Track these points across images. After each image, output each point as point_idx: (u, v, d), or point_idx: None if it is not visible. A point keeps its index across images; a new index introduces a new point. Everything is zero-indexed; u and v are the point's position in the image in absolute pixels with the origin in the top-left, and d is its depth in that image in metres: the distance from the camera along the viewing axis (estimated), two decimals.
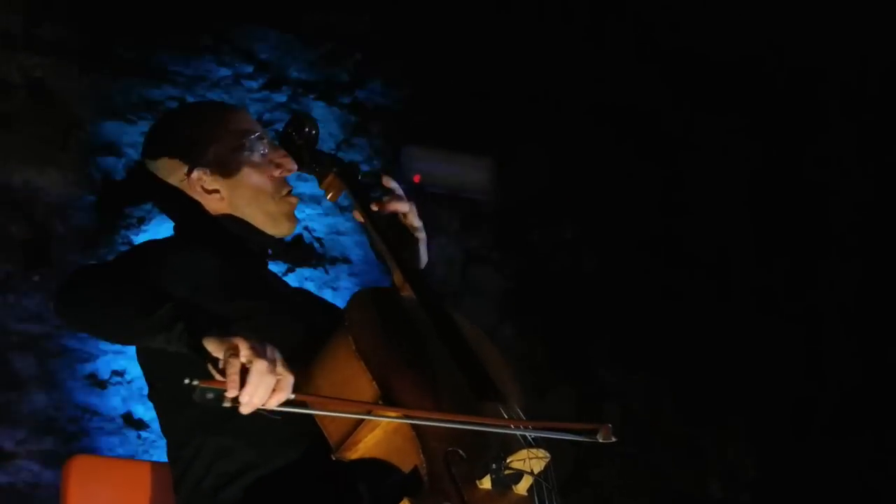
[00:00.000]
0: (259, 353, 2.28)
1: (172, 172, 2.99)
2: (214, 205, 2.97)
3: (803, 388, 5.37)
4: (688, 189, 5.48)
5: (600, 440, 2.42)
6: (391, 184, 2.96)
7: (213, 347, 2.32)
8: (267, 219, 3.00)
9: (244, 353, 2.27)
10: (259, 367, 2.26)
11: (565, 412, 4.99)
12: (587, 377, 5.15)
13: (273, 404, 2.30)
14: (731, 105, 5.55)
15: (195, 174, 2.96)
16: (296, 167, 3.05)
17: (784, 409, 5.33)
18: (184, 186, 2.97)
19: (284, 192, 3.02)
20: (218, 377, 2.29)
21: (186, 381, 2.25)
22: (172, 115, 3.20)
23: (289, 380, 2.31)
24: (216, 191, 2.96)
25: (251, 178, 2.98)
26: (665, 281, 5.31)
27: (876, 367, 5.40)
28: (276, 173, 3.01)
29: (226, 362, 2.27)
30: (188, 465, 2.76)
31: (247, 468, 2.69)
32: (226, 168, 2.97)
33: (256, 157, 3.00)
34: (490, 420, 2.47)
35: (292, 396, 2.32)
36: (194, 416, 2.73)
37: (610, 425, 2.43)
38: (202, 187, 2.97)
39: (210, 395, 2.25)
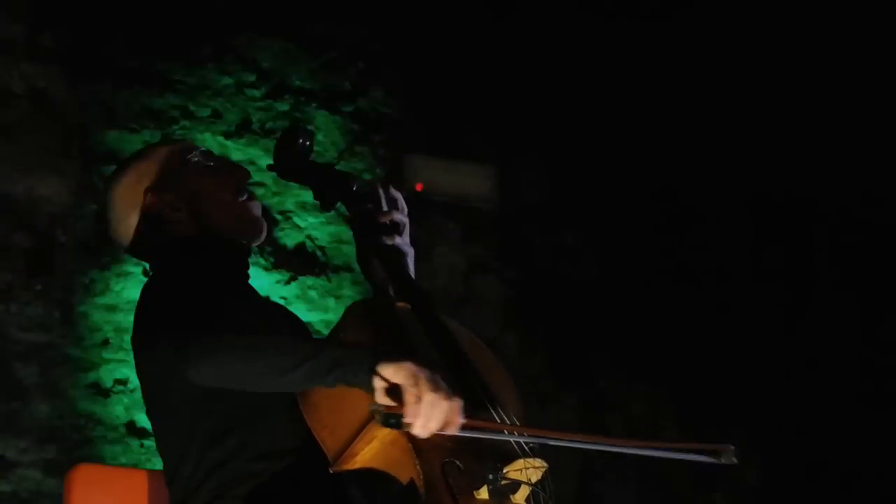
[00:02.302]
0: (436, 383, 2.34)
1: (132, 206, 2.97)
2: (182, 225, 2.95)
3: (805, 396, 5.36)
4: (689, 198, 5.47)
5: (723, 462, 2.46)
6: (392, 192, 2.95)
7: (391, 374, 2.35)
8: (233, 225, 2.99)
9: (423, 382, 2.33)
10: (435, 397, 2.32)
11: (567, 422, 4.99)
12: (589, 386, 5.15)
13: (452, 430, 2.35)
14: (735, 116, 5.55)
15: (150, 198, 2.94)
16: (249, 173, 3.06)
17: (787, 417, 5.33)
18: (146, 218, 2.95)
19: (242, 197, 3.02)
20: (389, 401, 2.33)
21: (372, 406, 2.33)
22: (114, 172, 3.20)
23: (460, 405, 2.37)
24: (179, 209, 2.95)
25: (207, 186, 2.97)
26: (666, 290, 5.31)
27: (877, 374, 5.40)
28: (235, 180, 3.02)
29: (406, 391, 2.32)
30: (186, 479, 2.76)
31: (242, 481, 2.68)
32: (182, 185, 2.96)
33: (206, 169, 3.00)
34: (493, 425, 2.48)
35: (464, 421, 2.37)
36: (190, 430, 2.73)
37: (732, 447, 2.46)
38: (164, 207, 2.94)
39: (393, 421, 2.31)
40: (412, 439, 2.39)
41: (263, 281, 4.58)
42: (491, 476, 2.40)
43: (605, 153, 5.37)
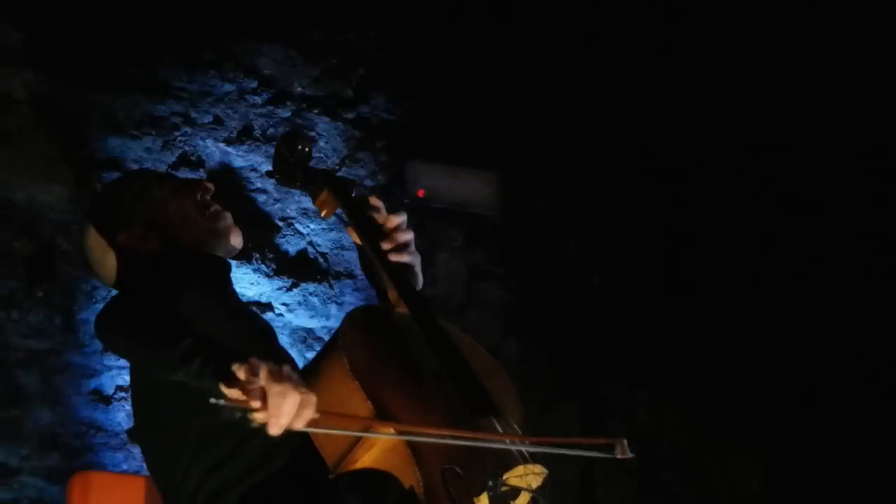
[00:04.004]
0: (279, 372, 2.27)
1: (107, 248, 3.03)
2: (156, 253, 3.01)
3: (809, 403, 5.36)
4: (691, 206, 5.47)
5: (618, 456, 2.40)
6: (378, 203, 2.97)
7: (234, 370, 2.29)
8: (206, 240, 3.04)
9: (264, 373, 2.26)
10: (279, 388, 2.25)
11: (569, 429, 4.98)
12: (591, 393, 5.14)
13: (300, 424, 2.27)
14: (738, 123, 5.55)
15: (122, 236, 3.04)
16: (211, 186, 3.12)
17: (789, 423, 5.32)
18: (123, 255, 3.02)
19: (210, 210, 3.06)
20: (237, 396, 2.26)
21: (212, 400, 2.24)
22: (89, 209, 3.30)
23: (313, 398, 2.29)
24: (151, 238, 3.02)
25: (171, 210, 3.05)
26: (668, 297, 5.31)
27: (883, 380, 5.39)
28: (197, 196, 3.07)
29: (247, 382, 2.25)
30: (178, 483, 2.76)
31: (237, 486, 2.69)
32: (147, 215, 3.03)
33: (168, 192, 3.06)
34: (493, 435, 2.46)
35: (316, 415, 2.29)
36: (183, 433, 2.74)
37: (626, 441, 2.40)
38: (136, 241, 3.01)
39: (238, 414, 2.23)
40: (412, 445, 2.39)
41: (265, 287, 4.59)
42: (491, 482, 2.39)
43: (608, 160, 5.37)
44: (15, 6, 4.35)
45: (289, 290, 4.64)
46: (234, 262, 3.28)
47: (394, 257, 2.83)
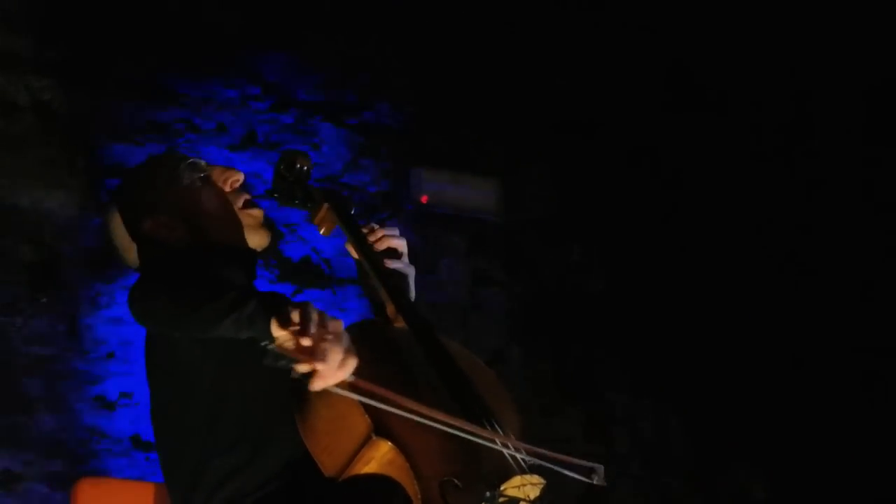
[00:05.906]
0: (330, 325, 2.26)
1: (135, 234, 2.98)
2: (183, 242, 2.94)
3: (813, 410, 5.36)
4: (695, 211, 5.47)
5: (595, 482, 2.43)
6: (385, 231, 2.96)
7: (286, 315, 2.26)
8: (233, 234, 2.98)
9: (315, 322, 2.24)
10: (326, 344, 2.23)
11: (573, 435, 4.99)
12: (595, 399, 5.15)
13: (339, 378, 2.25)
14: (738, 126, 5.56)
15: (148, 223, 2.94)
16: (242, 176, 3.04)
17: (792, 429, 5.32)
18: (147, 242, 2.96)
19: (240, 203, 3.02)
20: (286, 343, 2.24)
21: (263, 343, 2.22)
22: (115, 192, 3.22)
23: (354, 360, 2.29)
24: (177, 227, 2.94)
25: (202, 200, 2.97)
26: (672, 303, 5.31)
27: (886, 388, 5.39)
28: (227, 187, 3.01)
29: (300, 332, 2.22)
30: (192, 485, 2.76)
31: (251, 492, 2.70)
32: (175, 203, 2.95)
33: (198, 181, 2.99)
34: (480, 431, 2.46)
35: (351, 378, 2.28)
36: (200, 438, 2.74)
37: (603, 467, 2.44)
38: (163, 229, 2.94)
39: (282, 362, 2.20)
40: (410, 459, 2.39)
41: None
42: (488, 494, 2.40)
43: (612, 165, 5.37)
44: (20, 13, 4.37)
45: (292, 296, 4.65)
46: None
47: (387, 263, 2.83)
